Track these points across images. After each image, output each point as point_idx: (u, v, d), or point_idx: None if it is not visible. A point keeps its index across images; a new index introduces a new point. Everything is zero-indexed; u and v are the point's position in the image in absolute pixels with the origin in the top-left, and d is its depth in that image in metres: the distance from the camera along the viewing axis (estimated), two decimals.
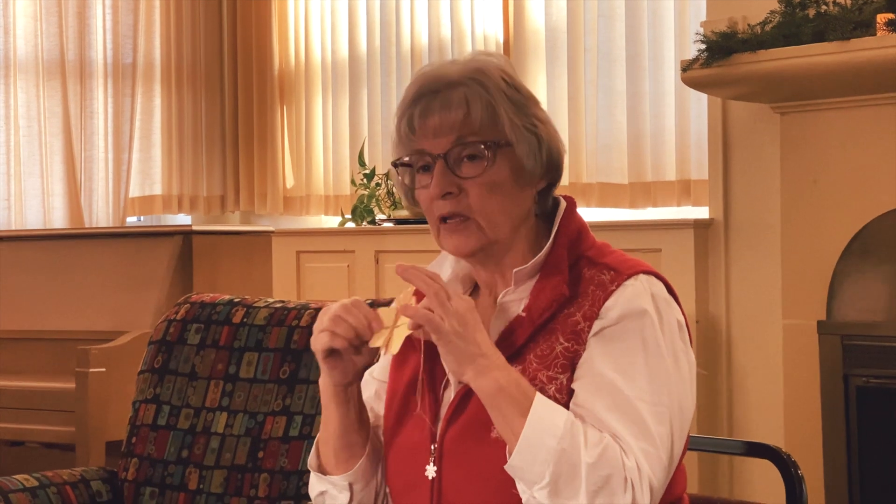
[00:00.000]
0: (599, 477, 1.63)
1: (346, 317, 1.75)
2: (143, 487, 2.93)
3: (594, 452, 1.64)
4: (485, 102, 1.77)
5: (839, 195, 4.02)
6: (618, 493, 1.63)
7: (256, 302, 3.05)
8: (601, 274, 1.78)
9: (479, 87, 1.77)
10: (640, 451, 1.66)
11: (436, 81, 1.79)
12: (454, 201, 1.78)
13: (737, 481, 4.47)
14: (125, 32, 6.40)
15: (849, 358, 3.92)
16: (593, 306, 1.75)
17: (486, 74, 1.79)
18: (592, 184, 5.21)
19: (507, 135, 1.77)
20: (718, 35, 4.03)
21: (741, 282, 4.50)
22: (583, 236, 1.85)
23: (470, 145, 1.77)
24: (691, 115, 4.91)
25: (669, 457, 1.70)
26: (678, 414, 1.71)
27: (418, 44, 5.92)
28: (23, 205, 6.05)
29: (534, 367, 1.74)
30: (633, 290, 1.75)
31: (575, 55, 5.28)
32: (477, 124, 1.77)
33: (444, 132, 1.77)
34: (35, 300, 4.79)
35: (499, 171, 1.77)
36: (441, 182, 1.77)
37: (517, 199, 1.80)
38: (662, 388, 1.70)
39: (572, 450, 1.63)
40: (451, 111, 1.77)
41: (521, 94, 1.81)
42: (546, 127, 1.82)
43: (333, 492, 1.88)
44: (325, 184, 6.35)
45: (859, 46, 3.75)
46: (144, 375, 3.05)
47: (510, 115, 1.78)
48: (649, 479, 1.66)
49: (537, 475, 1.63)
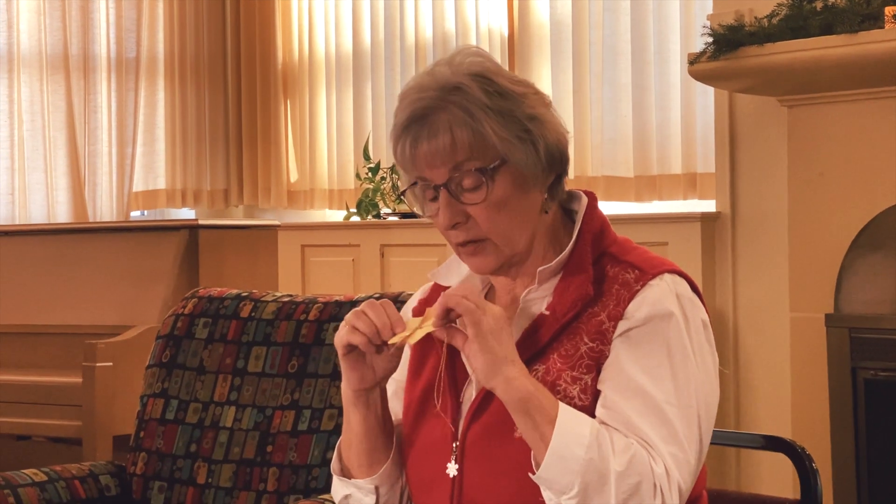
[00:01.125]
0: (629, 485, 1.62)
1: (369, 313, 1.73)
2: (151, 482, 2.93)
3: (623, 460, 1.62)
4: (468, 127, 1.72)
5: (846, 188, 4.01)
6: (647, 500, 1.62)
7: (264, 296, 3.05)
8: (625, 273, 1.76)
9: (458, 111, 1.72)
10: (669, 455, 1.65)
11: (419, 105, 1.74)
12: (465, 229, 1.76)
13: (744, 474, 4.47)
14: (128, 27, 6.40)
15: (857, 351, 3.91)
16: (618, 306, 1.73)
17: (463, 92, 1.73)
18: (598, 177, 5.20)
19: (499, 152, 1.73)
20: (726, 28, 4.02)
21: (748, 275, 4.50)
22: (605, 232, 1.82)
23: (466, 173, 1.73)
24: (697, 109, 4.90)
25: (697, 459, 1.69)
26: (705, 414, 1.71)
27: (422, 37, 5.91)
28: (27, 199, 6.05)
29: (558, 366, 1.73)
30: (658, 291, 1.73)
31: (580, 49, 5.27)
32: (466, 150, 1.72)
33: (437, 162, 1.73)
34: (40, 295, 4.79)
35: (501, 189, 1.74)
36: (448, 213, 1.75)
37: (526, 207, 1.77)
38: (690, 389, 1.69)
39: (600, 459, 1.62)
40: (437, 139, 1.72)
41: (505, 98, 1.74)
42: (540, 123, 1.76)
43: (359, 495, 1.86)
44: (329, 178, 6.34)
45: (867, 39, 3.74)
46: (152, 370, 3.04)
47: (497, 131, 1.72)
48: (678, 483, 1.65)
49: (566, 485, 1.62)
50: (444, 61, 1.78)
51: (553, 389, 1.71)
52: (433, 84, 1.75)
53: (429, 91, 1.74)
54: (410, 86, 1.78)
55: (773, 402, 4.36)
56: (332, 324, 2.89)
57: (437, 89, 1.74)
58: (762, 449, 2.08)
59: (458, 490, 1.76)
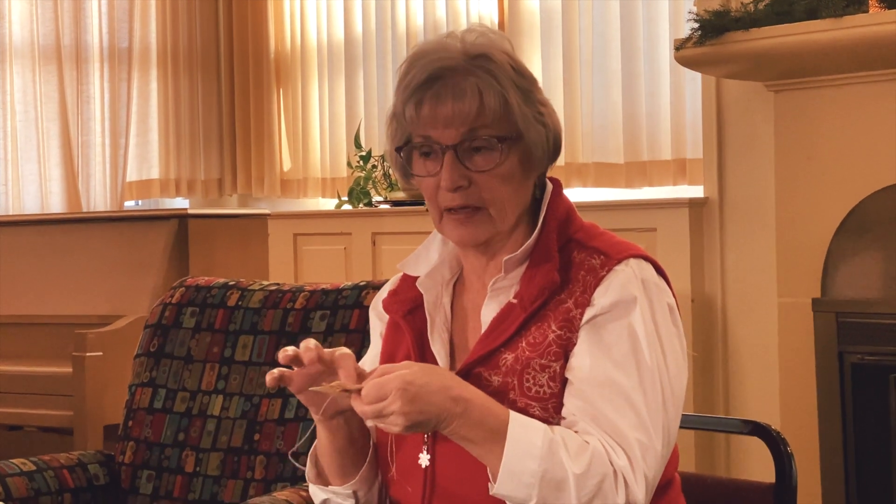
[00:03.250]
0: (591, 486, 1.62)
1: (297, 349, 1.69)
2: (140, 470, 2.95)
3: (581, 462, 1.62)
4: (497, 94, 1.72)
5: (833, 172, 4.02)
6: (611, 494, 1.63)
7: (251, 285, 3.06)
8: (591, 258, 1.76)
9: (489, 77, 1.72)
10: (635, 441, 1.65)
11: (441, 65, 1.73)
12: (464, 193, 1.75)
13: (734, 459, 4.48)
14: (121, 17, 6.40)
15: (843, 335, 3.92)
16: (584, 293, 1.73)
17: (493, 61, 1.74)
18: (588, 164, 5.21)
19: (518, 127, 1.74)
20: (711, 14, 4.02)
21: (736, 260, 4.51)
22: (571, 219, 1.82)
23: (481, 139, 1.73)
24: (686, 95, 4.91)
25: (665, 444, 1.69)
26: (671, 399, 1.71)
27: (413, 25, 5.92)
28: (20, 190, 6.06)
29: (526, 354, 1.73)
30: (623, 276, 1.73)
31: (570, 36, 5.28)
32: (490, 117, 1.72)
33: (455, 123, 1.72)
34: (32, 285, 4.80)
35: (510, 163, 1.74)
36: (452, 175, 1.74)
37: (524, 188, 1.78)
38: (655, 375, 1.69)
39: (555, 467, 1.61)
40: (464, 101, 1.72)
41: (525, 78, 1.77)
42: (549, 111, 1.79)
43: (336, 500, 1.86)
44: (321, 166, 6.35)
45: (852, 23, 3.74)
46: (140, 359, 3.06)
47: (521, 105, 1.74)
48: (644, 472, 1.65)
49: (524, 498, 1.62)
50: (459, 33, 1.78)
51: (522, 377, 1.72)
52: (458, 47, 1.75)
53: (453, 53, 1.74)
54: (427, 48, 1.76)
55: (761, 386, 4.38)
56: (318, 312, 2.91)
57: (463, 53, 1.74)
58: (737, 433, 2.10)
59: (431, 480, 1.77)
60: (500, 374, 1.74)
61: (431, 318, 1.84)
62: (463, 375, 1.74)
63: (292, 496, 2.49)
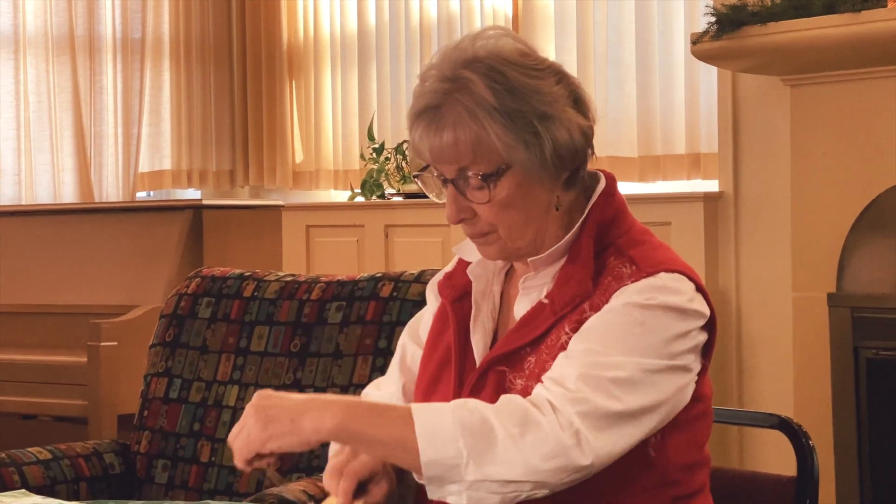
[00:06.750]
0: (516, 415, 1.56)
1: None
2: (155, 460, 2.95)
3: (494, 406, 1.58)
4: (471, 133, 1.67)
5: (849, 168, 4.02)
6: (541, 420, 1.56)
7: (267, 276, 3.06)
8: (623, 266, 1.71)
9: (463, 112, 1.67)
10: (576, 377, 1.60)
11: (429, 98, 1.70)
12: (471, 223, 1.74)
13: (747, 451, 4.48)
14: (134, 7, 6.40)
15: (858, 330, 3.92)
16: (602, 296, 1.69)
17: (469, 91, 1.67)
18: (602, 157, 5.20)
19: (503, 157, 1.68)
20: (728, 7, 4.02)
21: (751, 255, 4.50)
22: (618, 221, 1.77)
23: (470, 177, 1.69)
24: (701, 88, 4.90)
25: (618, 406, 1.61)
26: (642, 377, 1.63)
27: (427, 18, 5.91)
28: (33, 180, 6.06)
29: (543, 357, 1.70)
30: (641, 285, 1.68)
31: (584, 29, 5.27)
32: (469, 153, 1.68)
33: (443, 159, 1.70)
34: (46, 275, 4.81)
35: (505, 191, 1.70)
36: (453, 208, 1.73)
37: (533, 205, 1.73)
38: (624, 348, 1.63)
39: (470, 414, 1.56)
40: (441, 136, 1.68)
41: (515, 95, 1.68)
42: (551, 121, 1.70)
43: None
44: (334, 158, 6.35)
45: (870, 18, 3.74)
46: (156, 349, 3.06)
47: (501, 136, 1.67)
48: (575, 402, 1.58)
49: (454, 455, 1.55)
50: (469, 38, 1.73)
51: (537, 381, 1.67)
52: (448, 71, 1.70)
53: (442, 83, 1.70)
54: (431, 64, 1.73)
55: (776, 381, 4.37)
56: (334, 303, 2.91)
57: (451, 80, 1.69)
58: (759, 426, 2.09)
59: None
60: (523, 378, 1.71)
61: (478, 306, 1.82)
62: (484, 371, 1.74)
63: (308, 486, 2.48)
